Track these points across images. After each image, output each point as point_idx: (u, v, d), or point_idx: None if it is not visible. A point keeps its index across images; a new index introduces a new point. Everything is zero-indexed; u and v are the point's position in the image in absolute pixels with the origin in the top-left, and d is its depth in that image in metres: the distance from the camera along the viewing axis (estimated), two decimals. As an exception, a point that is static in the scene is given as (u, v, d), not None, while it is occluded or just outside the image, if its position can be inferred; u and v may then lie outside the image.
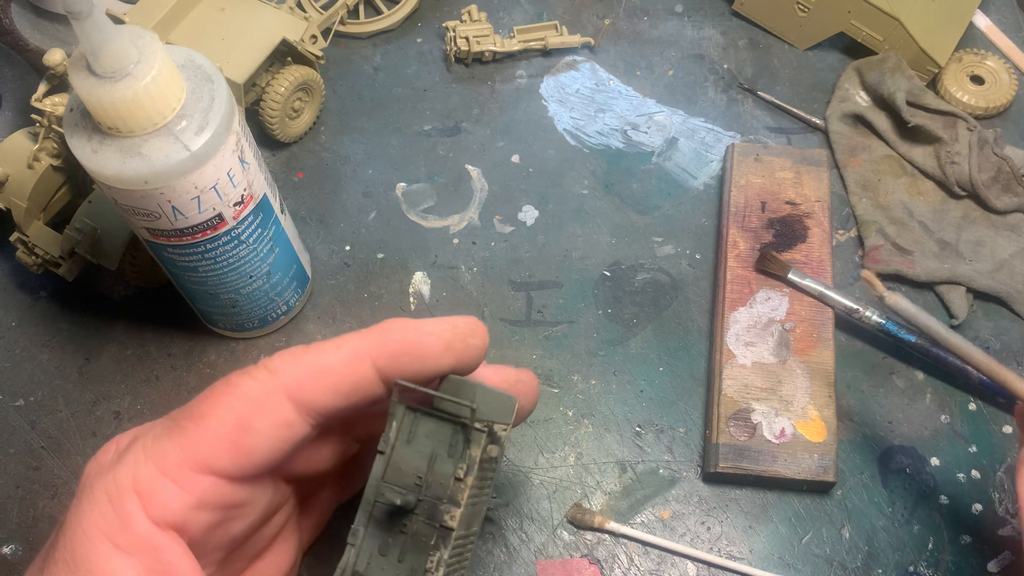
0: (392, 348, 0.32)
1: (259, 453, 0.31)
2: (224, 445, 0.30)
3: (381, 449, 0.32)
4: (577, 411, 0.51)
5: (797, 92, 0.62)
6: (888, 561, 0.46)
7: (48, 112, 0.47)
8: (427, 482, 0.32)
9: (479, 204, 0.57)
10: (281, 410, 0.31)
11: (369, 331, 0.32)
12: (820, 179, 0.55)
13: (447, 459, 0.32)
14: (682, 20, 0.65)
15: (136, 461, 0.30)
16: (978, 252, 0.54)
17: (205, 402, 0.31)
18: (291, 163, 0.59)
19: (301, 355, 0.31)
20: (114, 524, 0.29)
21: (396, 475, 0.32)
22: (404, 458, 0.32)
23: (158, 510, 0.29)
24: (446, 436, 0.32)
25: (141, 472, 0.29)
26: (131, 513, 0.29)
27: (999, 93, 0.60)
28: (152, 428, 0.31)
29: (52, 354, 0.52)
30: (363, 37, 0.64)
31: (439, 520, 0.32)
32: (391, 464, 0.32)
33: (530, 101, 0.61)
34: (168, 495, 0.29)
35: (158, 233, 0.42)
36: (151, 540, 0.29)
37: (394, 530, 0.32)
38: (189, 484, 0.30)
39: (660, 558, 0.47)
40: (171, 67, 0.37)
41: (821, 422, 0.48)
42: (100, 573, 0.28)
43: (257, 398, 0.30)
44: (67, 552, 0.29)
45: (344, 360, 0.31)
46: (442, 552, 0.31)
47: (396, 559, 0.32)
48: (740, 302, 0.52)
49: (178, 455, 0.30)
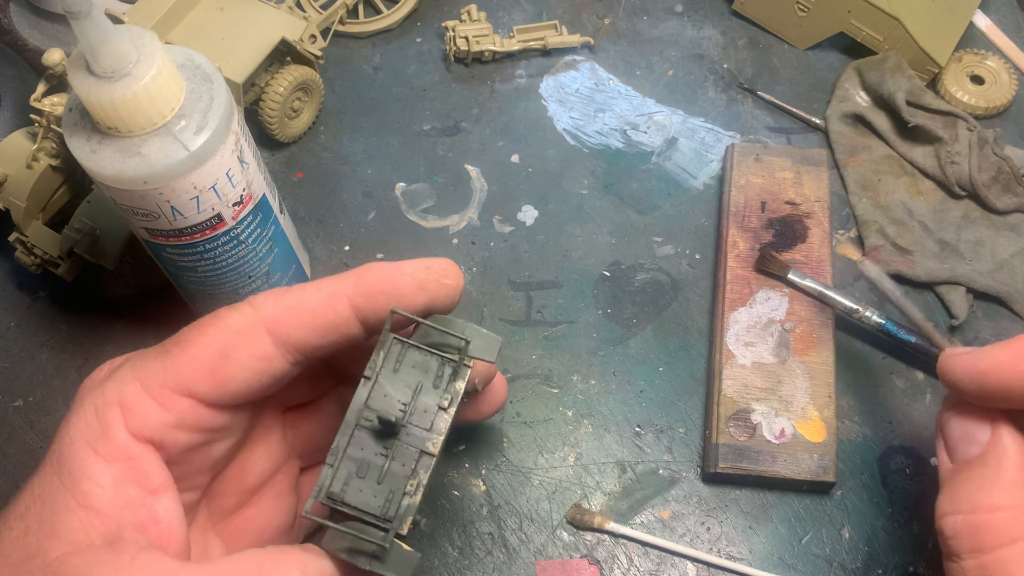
0: (368, 287, 0.33)
1: (236, 382, 0.33)
2: (203, 371, 0.32)
3: (367, 375, 0.33)
4: (577, 411, 0.51)
5: (797, 92, 0.62)
6: (888, 562, 0.46)
7: (47, 112, 0.47)
8: (411, 410, 0.33)
9: (479, 204, 0.57)
10: (260, 343, 0.33)
11: (348, 273, 0.34)
12: (820, 179, 0.55)
13: (432, 390, 0.34)
14: (682, 20, 0.65)
15: (123, 378, 0.32)
16: (978, 252, 0.54)
17: (192, 331, 0.33)
18: (290, 163, 0.59)
19: (283, 294, 0.34)
20: (96, 432, 0.31)
21: (380, 402, 0.33)
22: (389, 385, 0.33)
23: (137, 423, 0.31)
24: (432, 368, 0.34)
25: (126, 388, 0.32)
26: (112, 424, 0.31)
27: (999, 93, 0.60)
28: (142, 353, 0.33)
29: (51, 354, 0.52)
30: (362, 37, 0.64)
31: (421, 446, 0.33)
32: (375, 390, 0.33)
33: (530, 101, 0.61)
34: (148, 411, 0.32)
35: (157, 233, 0.42)
36: (128, 450, 0.31)
37: (374, 453, 0.33)
38: (169, 404, 0.32)
39: (660, 559, 0.47)
40: (170, 67, 0.37)
41: (821, 422, 0.48)
42: (80, 475, 0.30)
43: (238, 330, 0.33)
44: (54, 456, 0.31)
45: (322, 299, 0.33)
46: (421, 477, 0.33)
47: (375, 481, 0.33)
48: (740, 302, 0.51)
49: (161, 376, 0.32)
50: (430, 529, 0.47)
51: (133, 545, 0.30)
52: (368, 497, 0.33)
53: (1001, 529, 0.34)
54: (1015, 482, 0.35)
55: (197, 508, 0.36)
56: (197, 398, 0.32)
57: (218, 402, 0.33)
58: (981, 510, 0.34)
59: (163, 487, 0.32)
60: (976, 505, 0.35)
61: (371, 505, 0.32)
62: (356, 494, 0.33)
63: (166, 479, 0.32)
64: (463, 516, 0.48)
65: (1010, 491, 0.35)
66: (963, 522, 0.35)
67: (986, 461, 0.36)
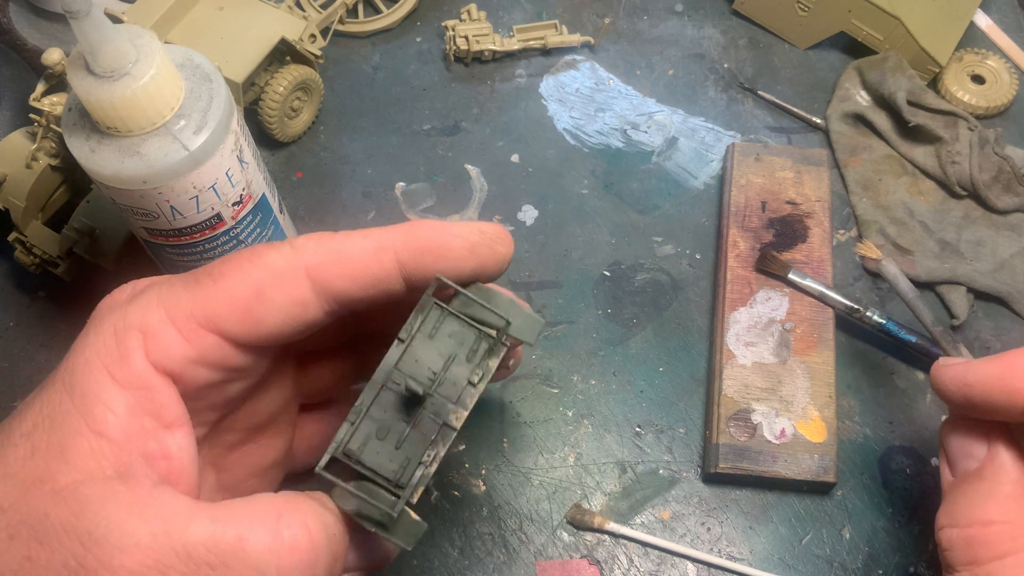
0: (417, 244, 0.32)
1: (268, 324, 0.31)
2: (236, 308, 0.30)
3: (402, 337, 0.32)
4: (577, 411, 0.50)
5: (797, 91, 0.62)
6: (888, 562, 0.46)
7: (46, 111, 0.47)
8: (440, 379, 0.32)
9: (478, 204, 0.57)
10: (299, 286, 0.31)
11: (396, 227, 0.32)
12: (820, 179, 0.55)
13: (464, 363, 0.33)
14: (682, 19, 0.65)
15: (148, 304, 0.30)
16: (979, 252, 0.54)
17: (227, 264, 0.31)
18: (290, 163, 0.59)
19: (328, 239, 0.32)
20: (114, 356, 0.29)
21: (411, 366, 0.32)
22: (423, 351, 0.32)
23: (158, 353, 0.30)
24: (468, 340, 0.33)
25: (150, 315, 0.30)
26: (132, 350, 0.29)
27: (1000, 92, 0.60)
28: (171, 278, 0.31)
29: (50, 354, 0.52)
30: (362, 36, 0.64)
31: (444, 419, 0.32)
32: (407, 353, 0.32)
33: (530, 100, 0.61)
34: (171, 342, 0.30)
35: (156, 233, 0.41)
36: (146, 379, 0.30)
37: (396, 418, 0.32)
38: (193, 337, 0.30)
39: (660, 559, 0.46)
40: (169, 66, 0.37)
41: (821, 422, 0.48)
42: (93, 398, 0.29)
43: (277, 270, 0.31)
44: (66, 375, 0.29)
45: (369, 249, 0.31)
46: (439, 449, 0.32)
47: (393, 445, 0.32)
48: (740, 302, 0.51)
49: (189, 307, 0.30)
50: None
51: (146, 480, 0.29)
52: (384, 460, 0.32)
53: (995, 543, 0.34)
54: (1010, 496, 0.35)
55: (202, 443, 0.35)
56: (224, 335, 0.31)
57: (245, 342, 0.31)
58: (976, 524, 0.35)
59: (178, 422, 0.30)
60: (972, 519, 0.35)
61: (386, 469, 0.32)
62: (373, 455, 0.32)
63: (182, 414, 0.31)
64: (463, 516, 0.48)
65: (1005, 505, 0.35)
66: (959, 535, 0.35)
67: (983, 475, 0.36)
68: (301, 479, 0.41)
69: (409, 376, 0.32)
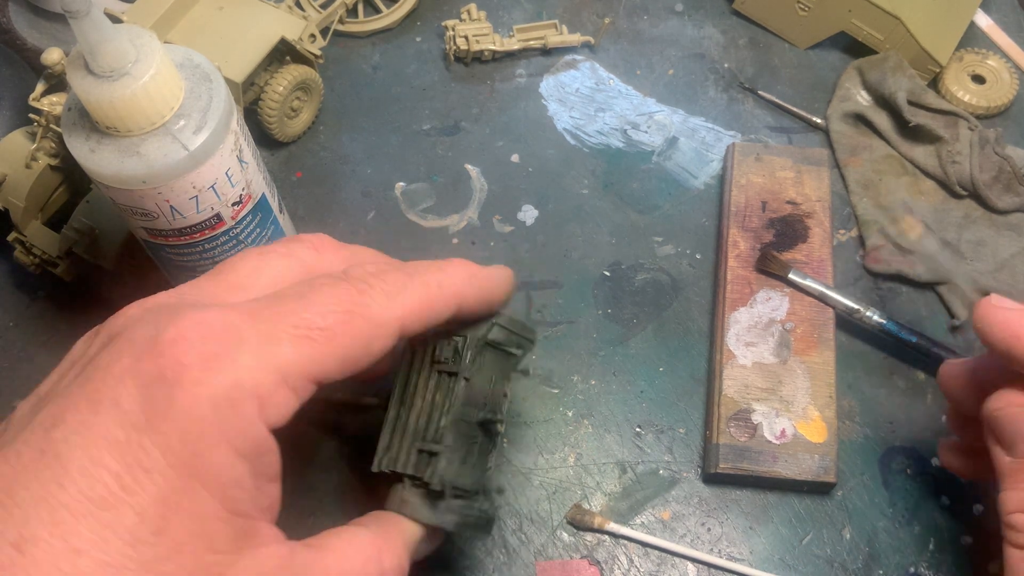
0: (477, 292, 0.36)
1: (359, 368, 0.32)
2: (344, 363, 0.31)
3: (466, 376, 0.38)
4: (577, 411, 0.50)
5: (798, 91, 0.61)
6: (889, 562, 0.46)
7: (46, 111, 0.47)
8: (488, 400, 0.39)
9: (478, 204, 0.57)
10: (392, 335, 0.33)
11: (455, 270, 0.35)
12: (821, 178, 0.55)
13: (500, 380, 0.40)
14: (682, 19, 0.65)
15: (258, 367, 0.29)
16: (979, 252, 0.54)
17: (336, 317, 0.31)
18: (290, 162, 0.59)
19: (411, 288, 0.34)
20: (236, 429, 0.28)
21: (470, 396, 0.38)
22: (476, 383, 0.38)
23: (273, 416, 0.29)
24: (500, 363, 0.40)
25: (264, 380, 0.29)
26: (251, 420, 0.29)
27: (1000, 92, 0.59)
28: (273, 331, 0.30)
29: (50, 354, 0.52)
30: (362, 36, 0.64)
31: (494, 429, 0.39)
32: (467, 388, 0.38)
33: (530, 100, 0.61)
34: (284, 402, 0.30)
35: (156, 233, 0.41)
36: (265, 444, 0.29)
37: (466, 440, 0.38)
38: (303, 391, 0.30)
39: (660, 559, 0.46)
40: (169, 66, 0.37)
41: (822, 423, 0.48)
42: (225, 480, 0.28)
43: (379, 323, 0.32)
44: (184, 455, 0.27)
45: (444, 300, 0.35)
46: (494, 453, 0.40)
47: (470, 463, 0.39)
48: (740, 302, 0.51)
49: (305, 368, 0.30)
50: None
51: (276, 543, 0.30)
52: (464, 476, 0.38)
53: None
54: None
55: None
56: (324, 381, 0.31)
57: (334, 381, 0.32)
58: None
59: (280, 472, 0.31)
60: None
61: (466, 482, 0.38)
62: (459, 476, 0.38)
63: (280, 466, 0.31)
64: (463, 517, 0.48)
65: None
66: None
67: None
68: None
69: (472, 408, 0.38)
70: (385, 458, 0.39)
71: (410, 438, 0.38)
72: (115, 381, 0.28)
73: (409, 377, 0.40)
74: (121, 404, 0.27)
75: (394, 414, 0.40)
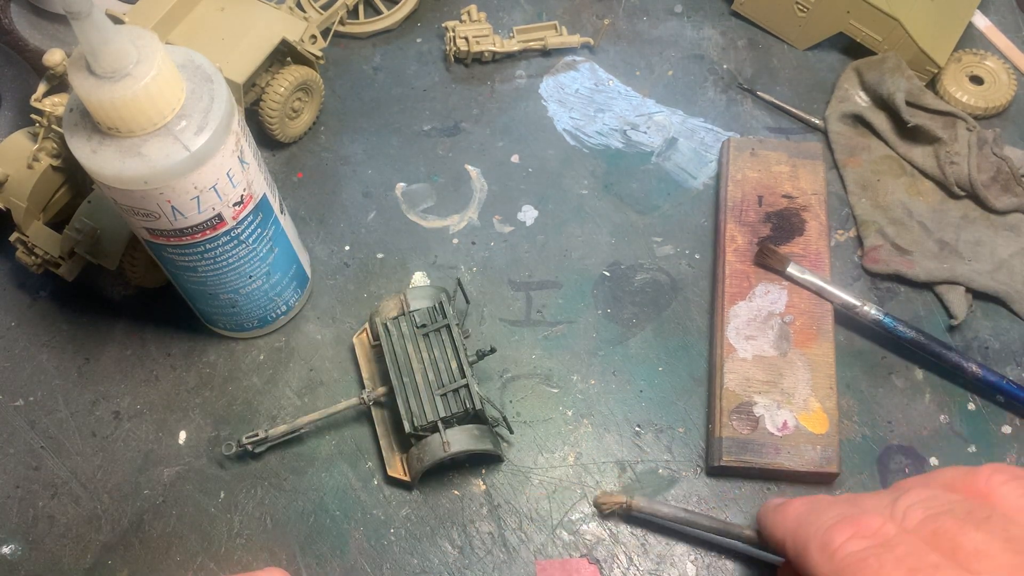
0: None
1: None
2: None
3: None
4: (576, 411, 0.51)
5: (796, 92, 0.62)
6: (887, 561, 0.46)
7: (48, 112, 0.47)
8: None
9: (479, 204, 0.57)
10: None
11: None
12: (816, 172, 0.55)
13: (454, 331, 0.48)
14: (681, 20, 0.65)
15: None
16: (977, 252, 0.54)
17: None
18: (291, 163, 0.59)
19: None
20: None
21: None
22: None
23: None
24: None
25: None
26: None
27: (998, 93, 0.60)
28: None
29: (52, 354, 0.52)
30: (363, 37, 0.64)
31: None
32: None
33: (530, 101, 0.61)
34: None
35: (158, 233, 0.42)
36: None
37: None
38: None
39: (659, 558, 0.47)
40: (171, 67, 0.37)
41: (823, 413, 0.48)
42: None
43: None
44: None
45: None
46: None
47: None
48: (739, 296, 0.52)
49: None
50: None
51: None
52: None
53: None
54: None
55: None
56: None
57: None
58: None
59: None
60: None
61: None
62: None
63: None
64: (463, 516, 0.48)
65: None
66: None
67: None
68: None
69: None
70: (415, 418, 0.45)
71: (426, 393, 0.46)
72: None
73: (395, 353, 0.47)
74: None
75: (399, 384, 0.46)
